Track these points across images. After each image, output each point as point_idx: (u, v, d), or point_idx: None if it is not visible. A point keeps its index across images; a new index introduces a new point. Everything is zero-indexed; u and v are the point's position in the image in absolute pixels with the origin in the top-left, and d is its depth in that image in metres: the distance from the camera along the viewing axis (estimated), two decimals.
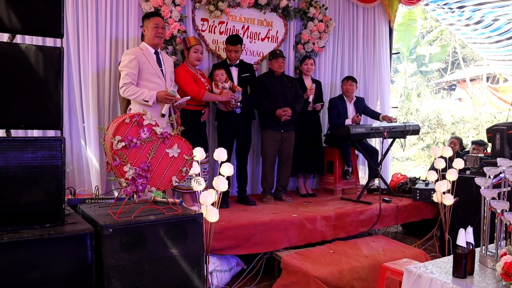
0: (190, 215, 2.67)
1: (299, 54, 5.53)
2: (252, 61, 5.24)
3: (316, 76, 5.65)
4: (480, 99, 13.85)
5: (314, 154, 5.26)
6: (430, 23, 18.04)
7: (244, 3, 5.04)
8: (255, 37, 5.28)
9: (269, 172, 4.90)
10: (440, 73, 18.37)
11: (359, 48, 6.06)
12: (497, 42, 6.94)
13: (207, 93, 4.24)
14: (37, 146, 2.31)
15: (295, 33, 5.55)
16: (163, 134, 2.67)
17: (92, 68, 4.36)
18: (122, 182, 2.56)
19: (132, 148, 2.58)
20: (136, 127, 2.61)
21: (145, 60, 3.73)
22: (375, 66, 6.19)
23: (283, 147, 4.90)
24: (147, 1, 4.53)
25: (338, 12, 5.86)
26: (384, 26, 6.25)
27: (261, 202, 4.78)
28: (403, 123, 5.17)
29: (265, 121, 4.87)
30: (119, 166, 2.56)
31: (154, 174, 2.66)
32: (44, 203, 2.35)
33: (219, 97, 4.32)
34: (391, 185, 5.38)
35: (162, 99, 3.68)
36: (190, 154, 2.77)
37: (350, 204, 4.75)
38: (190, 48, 4.30)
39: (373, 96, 6.22)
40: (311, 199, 5.03)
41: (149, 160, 2.63)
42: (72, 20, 4.26)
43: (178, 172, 2.73)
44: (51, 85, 2.36)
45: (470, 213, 4.24)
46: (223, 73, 4.47)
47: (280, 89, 4.87)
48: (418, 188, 4.83)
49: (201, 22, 4.94)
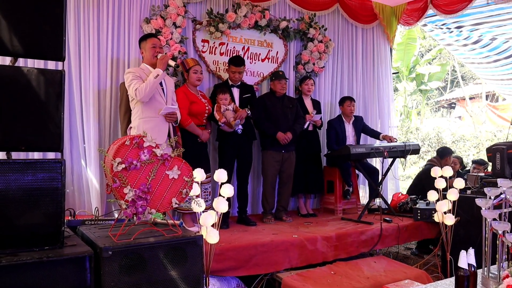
0: (190, 237, 2.66)
1: (299, 75, 5.57)
2: (253, 81, 5.28)
3: (316, 96, 5.68)
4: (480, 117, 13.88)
5: (314, 174, 5.25)
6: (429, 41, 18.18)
7: (244, 24, 5.10)
8: (255, 57, 5.33)
9: (269, 192, 4.89)
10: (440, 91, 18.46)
11: (358, 68, 6.10)
12: (495, 61, 7.00)
13: (192, 124, 4.23)
14: (37, 168, 2.31)
15: (295, 53, 5.60)
16: (163, 156, 2.67)
17: (93, 88, 4.39)
18: (122, 204, 2.56)
19: (132, 170, 2.59)
20: (136, 149, 2.62)
21: (145, 79, 3.75)
22: (375, 86, 6.22)
23: (284, 167, 4.90)
24: (148, 23, 4.59)
25: (338, 33, 5.92)
26: (384, 46, 6.31)
27: (262, 223, 4.75)
28: (403, 143, 5.17)
29: (265, 141, 4.88)
30: (119, 188, 2.56)
31: (154, 196, 2.65)
32: (44, 226, 2.34)
33: (200, 133, 4.31)
34: (392, 205, 5.36)
35: (161, 62, 3.72)
36: (190, 175, 2.77)
37: (351, 224, 4.73)
38: (189, 69, 4.34)
39: (373, 115, 6.24)
40: (312, 219, 5.01)
41: (149, 182, 2.63)
42: (73, 40, 4.31)
43: (178, 194, 2.73)
44: (52, 108, 2.38)
45: (471, 233, 4.21)
46: (227, 97, 4.49)
47: (281, 110, 4.89)
48: (419, 208, 4.80)
49: (202, 43, 4.99)
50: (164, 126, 3.78)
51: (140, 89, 3.60)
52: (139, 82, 3.63)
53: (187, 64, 4.38)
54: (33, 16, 2.35)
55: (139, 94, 3.61)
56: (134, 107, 3.77)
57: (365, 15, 5.99)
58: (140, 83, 3.63)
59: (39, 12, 2.36)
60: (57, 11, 2.41)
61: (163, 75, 3.74)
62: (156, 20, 4.59)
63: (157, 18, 4.60)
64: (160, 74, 3.64)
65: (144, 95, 3.62)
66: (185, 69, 4.39)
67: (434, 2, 5.54)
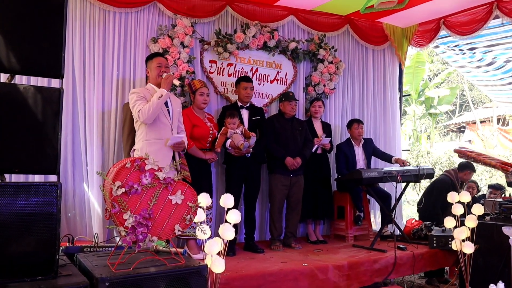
0: (194, 267, 2.48)
1: (309, 96, 5.44)
2: (261, 103, 5.15)
3: (326, 119, 5.53)
4: (491, 141, 13.65)
5: (324, 199, 5.07)
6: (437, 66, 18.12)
7: (252, 45, 4.99)
8: (264, 79, 5.21)
9: (277, 218, 4.71)
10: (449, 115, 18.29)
11: (369, 90, 5.95)
12: (509, 83, 6.84)
13: (194, 148, 4.10)
14: (31, 192, 2.17)
15: (304, 75, 5.48)
16: (166, 179, 2.52)
17: (98, 109, 4.29)
18: (121, 230, 2.40)
19: (133, 195, 2.43)
20: (137, 172, 2.47)
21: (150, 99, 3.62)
22: (386, 108, 6.06)
23: (292, 191, 4.73)
24: (155, 42, 4.50)
25: (348, 54, 5.80)
26: (394, 68, 6.17)
27: (270, 250, 4.57)
28: (417, 167, 4.99)
29: (273, 164, 4.73)
30: (118, 213, 2.40)
31: (156, 222, 2.49)
32: (36, 254, 2.18)
33: (203, 156, 4.18)
34: (405, 231, 5.15)
35: (165, 81, 3.59)
36: (195, 200, 2.60)
37: (363, 252, 4.52)
38: (196, 91, 4.23)
39: (384, 138, 6.06)
40: (322, 246, 4.80)
41: (150, 207, 2.47)
42: (78, 60, 4.24)
43: (182, 220, 2.56)
44: (49, 128, 2.25)
45: (491, 261, 4.03)
46: (236, 122, 4.35)
47: (291, 132, 4.76)
48: (435, 235, 4.59)
49: (210, 64, 4.88)
50: (169, 149, 3.62)
51: (143, 110, 3.47)
52: (143, 103, 3.50)
53: (194, 85, 4.27)
54: (32, 32, 2.24)
55: (142, 116, 3.48)
56: (138, 128, 3.63)
57: (376, 36, 5.88)
58: (144, 104, 3.49)
59: (38, 28, 2.26)
60: (57, 27, 2.31)
61: (168, 96, 3.60)
62: (163, 40, 4.50)
63: (165, 37, 4.52)
64: (164, 94, 3.50)
65: (147, 116, 3.48)
66: (191, 91, 4.28)
67: (447, 23, 5.42)
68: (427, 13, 5.45)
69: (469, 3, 5.05)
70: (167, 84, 3.56)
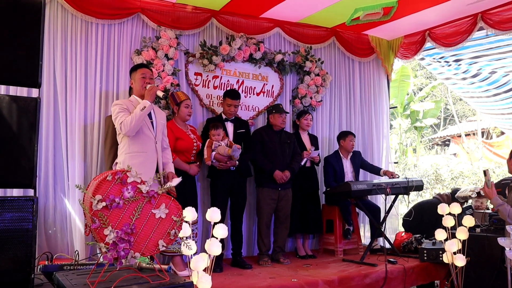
0: (179, 284, 2.38)
1: (296, 109, 5.38)
2: (247, 116, 5.08)
3: (314, 131, 5.47)
4: (476, 154, 13.73)
5: (312, 213, 4.98)
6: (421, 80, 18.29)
7: (238, 57, 4.93)
8: (250, 91, 5.14)
9: (265, 232, 4.60)
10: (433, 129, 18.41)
11: (356, 102, 5.91)
12: (494, 95, 6.87)
13: (177, 160, 4.01)
14: (5, 207, 2.06)
15: (291, 87, 5.42)
16: (149, 192, 2.42)
17: (80, 122, 4.18)
18: (102, 247, 2.28)
19: (114, 209, 2.32)
20: (119, 185, 2.36)
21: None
22: (374, 120, 6.03)
23: (280, 205, 4.64)
24: (139, 55, 4.42)
25: (334, 66, 5.77)
26: (382, 80, 6.15)
27: (258, 265, 4.45)
28: (405, 179, 4.94)
29: (261, 178, 4.64)
30: (98, 229, 2.28)
31: (139, 237, 2.37)
32: (11, 272, 2.07)
33: (187, 168, 4.09)
34: (395, 245, 5.06)
35: (149, 93, 3.49)
36: (180, 214, 2.50)
37: (353, 266, 4.43)
38: (181, 103, 4.14)
39: (373, 151, 6.01)
40: (311, 261, 4.70)
41: (133, 222, 2.36)
42: (60, 72, 4.15)
43: (166, 235, 2.45)
44: (25, 139, 2.14)
45: (482, 274, 3.98)
46: (220, 133, 4.27)
47: (279, 145, 4.68)
48: (425, 248, 4.51)
49: (195, 76, 4.81)
50: (152, 162, 3.50)
51: (126, 122, 3.35)
52: (125, 115, 3.39)
53: (178, 97, 4.18)
54: (8, 40, 2.15)
55: (124, 128, 3.36)
56: (121, 141, 3.51)
57: (362, 49, 5.87)
58: (126, 115, 3.38)
59: (14, 36, 2.17)
60: (33, 35, 2.22)
61: (151, 107, 3.49)
62: (147, 52, 4.42)
63: (149, 49, 4.43)
64: (147, 106, 3.39)
65: (129, 129, 3.36)
66: (174, 103, 4.18)
67: (432, 35, 5.43)
68: (412, 25, 5.46)
69: (454, 14, 5.07)
70: (151, 95, 3.46)
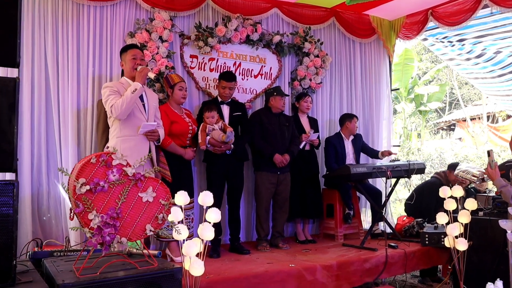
0: (167, 270, 2.30)
1: (295, 91, 5.26)
2: (245, 99, 4.97)
3: (314, 114, 5.36)
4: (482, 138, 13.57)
5: (312, 197, 4.89)
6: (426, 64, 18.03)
7: (235, 38, 4.81)
8: (247, 74, 5.02)
9: (264, 217, 4.52)
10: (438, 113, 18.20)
11: (357, 84, 5.79)
12: (499, 76, 6.70)
13: (173, 144, 3.89)
14: None
15: (290, 69, 5.30)
16: (135, 175, 2.33)
17: (73, 107, 4.08)
18: (86, 232, 2.20)
19: (99, 192, 2.24)
20: (103, 168, 2.28)
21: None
22: (376, 102, 5.91)
23: (279, 189, 4.56)
24: (132, 37, 4.30)
25: (334, 48, 5.63)
26: (383, 61, 6.02)
27: (256, 250, 4.38)
28: (407, 161, 4.83)
29: (259, 161, 4.55)
30: (83, 213, 2.21)
31: (125, 222, 2.30)
32: None
33: (183, 152, 3.98)
34: (396, 229, 4.98)
35: (140, 74, 3.37)
36: (168, 198, 2.41)
37: (353, 251, 4.35)
38: (174, 85, 4.02)
39: (373, 133, 5.90)
40: (311, 246, 4.62)
41: (118, 206, 2.28)
42: (51, 56, 4.04)
43: (154, 220, 2.37)
44: (4, 121, 2.06)
45: (485, 258, 3.89)
46: (214, 115, 4.16)
47: (278, 128, 4.58)
48: (427, 232, 4.42)
49: (190, 59, 4.69)
50: (144, 146, 3.41)
51: (116, 105, 3.25)
52: (116, 98, 3.29)
53: (172, 80, 4.06)
54: None
55: (115, 111, 3.26)
56: (112, 124, 3.42)
57: (363, 29, 5.72)
58: (117, 98, 3.28)
59: None
60: (11, 12, 2.12)
61: (142, 90, 3.38)
62: (141, 34, 4.30)
63: (142, 32, 4.31)
64: (138, 88, 3.29)
65: (120, 112, 3.26)
66: (168, 85, 4.07)
67: (435, 14, 5.27)
68: (414, 4, 5.31)
69: None
70: (142, 77, 3.36)
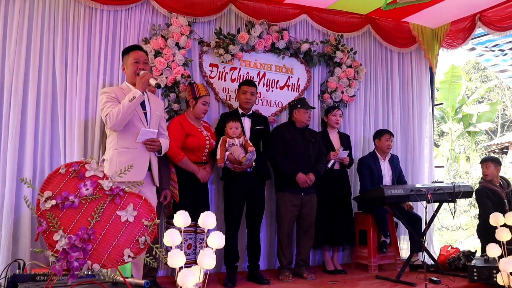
0: None
1: (325, 105, 4.81)
2: (269, 112, 4.56)
3: (345, 130, 4.88)
4: None
5: (343, 221, 4.38)
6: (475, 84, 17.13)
7: (259, 46, 4.44)
8: (272, 85, 4.63)
9: (286, 243, 4.06)
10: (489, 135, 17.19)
11: (395, 97, 5.27)
12: None
13: (185, 160, 3.53)
14: None
15: (320, 80, 4.86)
16: (113, 190, 1.96)
17: (80, 117, 3.83)
18: (49, 255, 1.84)
19: (67, 209, 1.88)
20: (75, 180, 1.92)
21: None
22: (416, 118, 5.36)
23: (303, 212, 4.09)
24: (147, 43, 4.02)
25: (370, 57, 5.16)
26: (425, 73, 5.49)
27: (278, 280, 3.94)
28: (451, 183, 4.26)
29: (281, 181, 4.12)
30: (47, 232, 1.85)
31: (99, 245, 1.92)
32: None
33: (196, 170, 3.61)
34: (439, 261, 4.41)
35: (140, 81, 2.99)
36: (152, 218, 2.02)
37: (387, 284, 3.84)
38: (199, 98, 3.68)
39: (414, 153, 5.33)
40: (339, 277, 4.10)
41: (91, 225, 1.90)
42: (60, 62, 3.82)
43: (134, 243, 1.98)
44: None
45: None
46: (238, 126, 3.80)
47: (302, 144, 4.16)
48: (476, 266, 3.82)
49: (210, 68, 4.36)
50: (144, 160, 3.01)
51: (111, 115, 2.88)
52: (113, 106, 2.92)
53: (198, 91, 3.71)
54: None
55: (110, 122, 2.89)
56: (110, 135, 3.05)
57: (402, 38, 5.24)
58: (114, 106, 2.92)
59: None
60: None
61: (141, 98, 2.97)
62: (156, 40, 4.02)
63: (158, 38, 4.03)
64: (137, 96, 2.91)
65: (115, 122, 2.88)
66: (192, 96, 3.71)
67: (483, 19, 4.73)
68: (460, 9, 4.80)
69: None
70: (142, 84, 2.99)
